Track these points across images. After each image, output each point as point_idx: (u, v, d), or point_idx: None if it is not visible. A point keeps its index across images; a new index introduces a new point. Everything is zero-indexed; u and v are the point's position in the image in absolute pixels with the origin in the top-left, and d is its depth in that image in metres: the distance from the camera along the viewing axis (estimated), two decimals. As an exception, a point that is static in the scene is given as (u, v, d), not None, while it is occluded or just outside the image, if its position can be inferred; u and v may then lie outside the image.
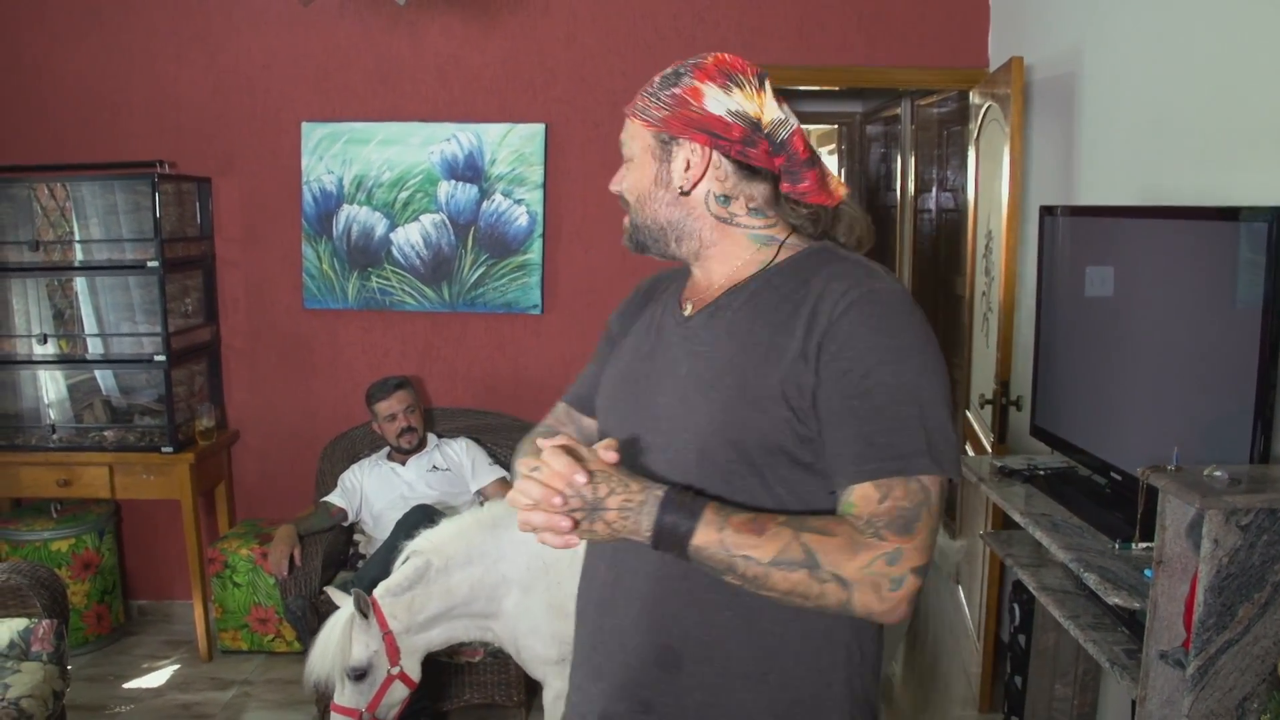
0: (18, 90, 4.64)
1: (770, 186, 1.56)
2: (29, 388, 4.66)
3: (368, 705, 3.02)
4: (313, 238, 4.60)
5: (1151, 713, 2.19)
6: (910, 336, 1.43)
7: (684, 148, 1.53)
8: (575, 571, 2.93)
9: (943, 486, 1.40)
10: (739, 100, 1.51)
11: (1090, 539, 2.58)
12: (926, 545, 1.38)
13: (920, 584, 1.37)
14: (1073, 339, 3.10)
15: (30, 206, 4.52)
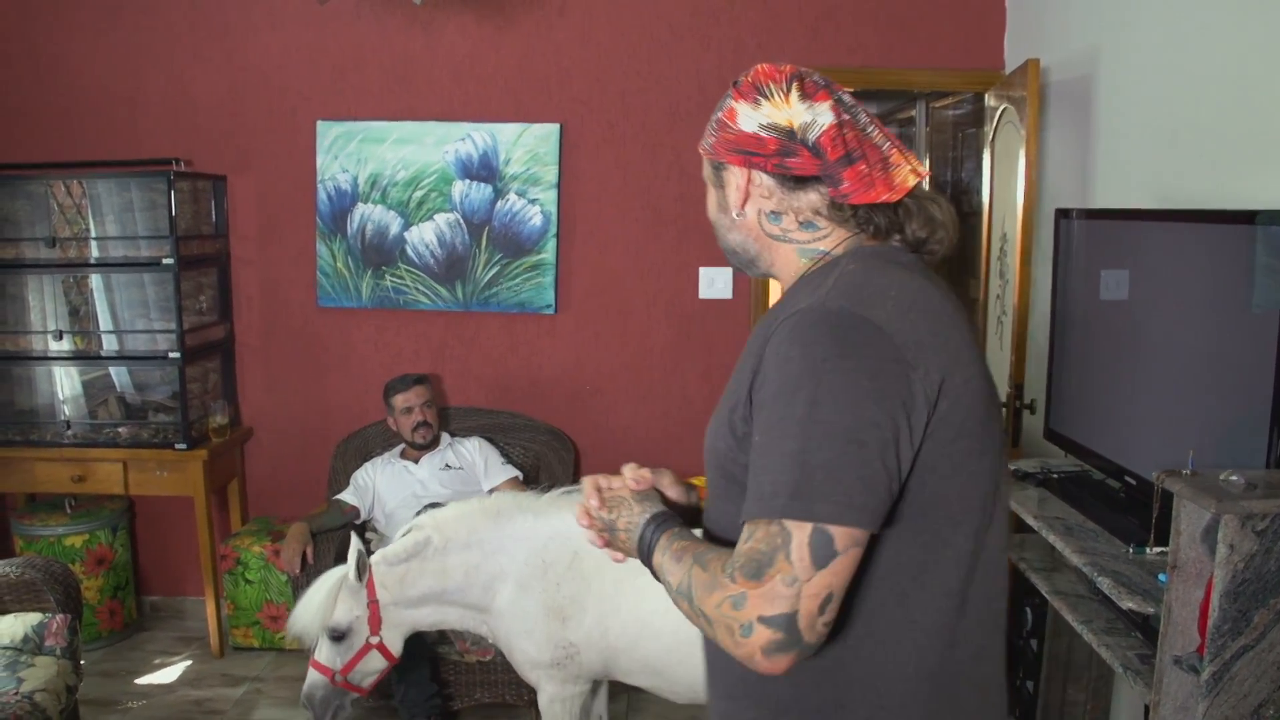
0: (36, 88, 4.66)
1: (824, 193, 1.47)
2: (44, 384, 4.68)
3: (341, 668, 3.01)
4: (327, 236, 4.61)
5: (1166, 718, 2.19)
6: (807, 364, 1.29)
7: (731, 171, 1.51)
8: (575, 574, 2.92)
9: (817, 538, 1.25)
10: (768, 112, 1.45)
11: (1104, 543, 2.57)
12: (778, 595, 1.24)
13: (780, 638, 1.24)
14: (1087, 342, 3.09)
15: (47, 203, 4.55)
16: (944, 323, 1.39)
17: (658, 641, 2.93)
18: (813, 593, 1.24)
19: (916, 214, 1.48)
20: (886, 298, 1.35)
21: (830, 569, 1.24)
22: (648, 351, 4.65)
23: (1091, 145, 3.60)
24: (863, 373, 1.28)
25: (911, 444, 1.30)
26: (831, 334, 1.30)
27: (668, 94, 4.51)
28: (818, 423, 1.26)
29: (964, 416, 1.35)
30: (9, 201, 4.59)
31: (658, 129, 4.52)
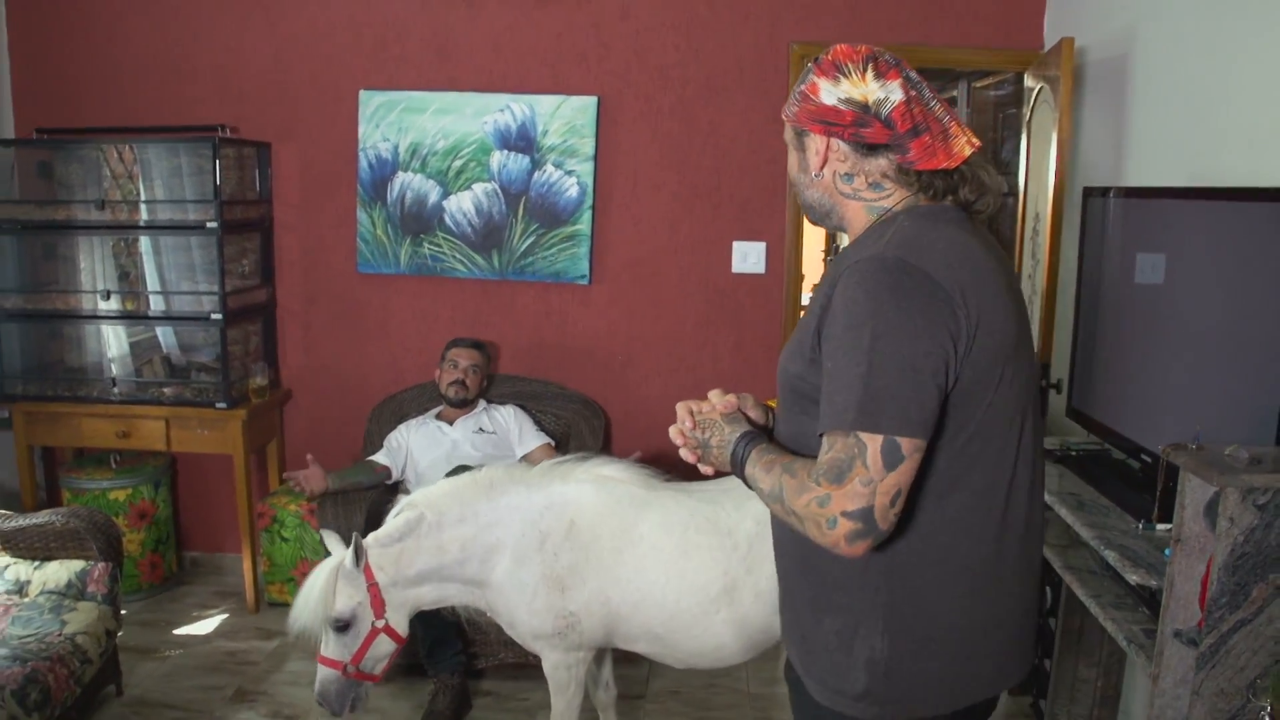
0: (90, 55, 4.78)
1: (893, 159, 1.71)
2: (93, 343, 4.81)
3: (352, 657, 2.97)
4: (367, 204, 4.70)
5: (1166, 691, 2.21)
6: (870, 303, 1.56)
7: (811, 138, 1.75)
8: (573, 544, 2.91)
9: (888, 446, 1.53)
10: (846, 89, 1.69)
11: (1116, 519, 2.60)
12: (857, 494, 1.53)
13: (862, 527, 1.53)
14: (1114, 321, 3.09)
15: (99, 167, 4.67)
16: (982, 271, 1.64)
17: (659, 609, 2.95)
18: (885, 490, 1.54)
19: (970, 180, 1.73)
20: (935, 250, 1.61)
21: (898, 471, 1.54)
22: (680, 323, 4.70)
23: (1126, 125, 3.59)
24: (916, 311, 1.55)
25: (955, 370, 1.58)
26: (890, 279, 1.57)
27: (705, 69, 4.54)
28: (880, 352, 1.54)
29: (995, 350, 1.62)
30: (62, 165, 4.72)
31: (694, 103, 4.55)
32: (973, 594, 1.72)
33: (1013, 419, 1.69)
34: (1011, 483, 1.71)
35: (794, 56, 4.46)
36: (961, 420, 1.63)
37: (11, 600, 3.60)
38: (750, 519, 2.97)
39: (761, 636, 2.99)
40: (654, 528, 2.99)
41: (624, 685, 3.96)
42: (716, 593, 2.92)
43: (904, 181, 1.73)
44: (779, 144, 4.49)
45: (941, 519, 1.67)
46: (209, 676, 4.03)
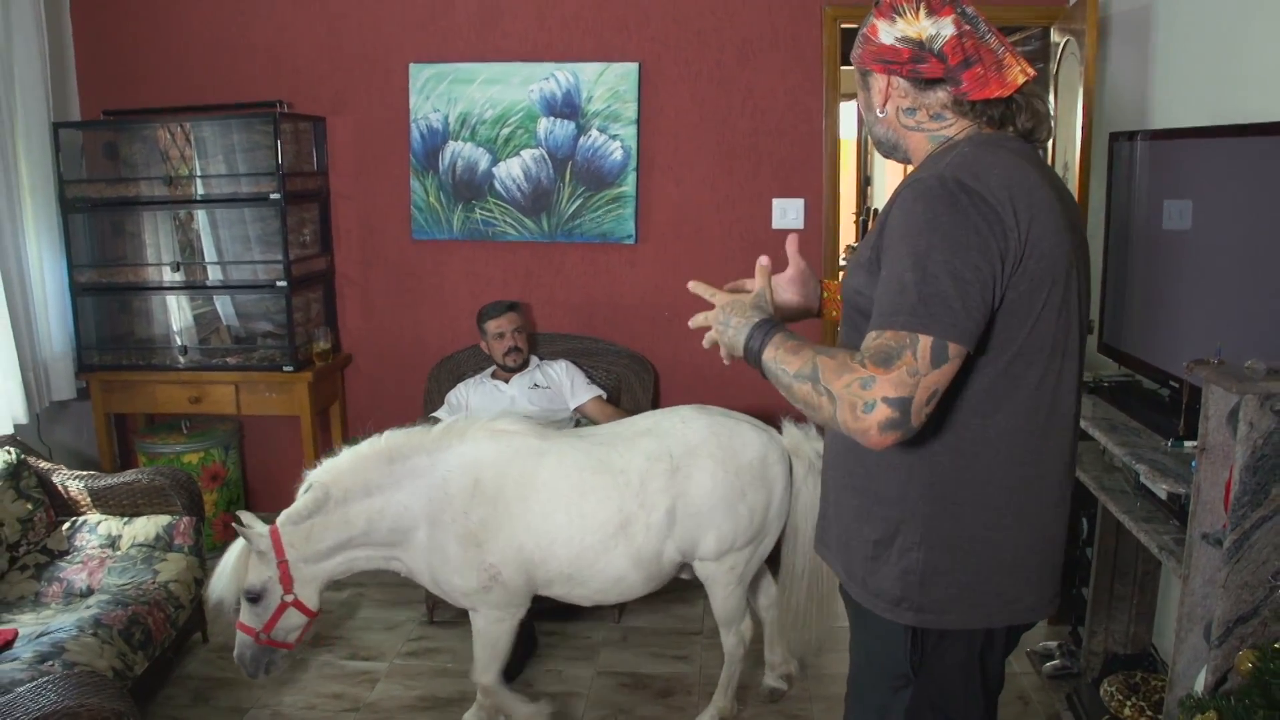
0: (150, 38, 4.99)
1: (950, 91, 1.81)
2: (161, 314, 5.05)
3: (263, 627, 3.07)
4: (420, 173, 4.89)
5: (1195, 590, 2.38)
6: (928, 217, 1.65)
7: (874, 77, 1.87)
8: (480, 500, 3.04)
9: (936, 345, 1.61)
10: (902, 27, 1.80)
11: (1146, 439, 2.77)
12: (903, 382, 1.59)
13: (895, 416, 1.59)
14: (1142, 259, 3.24)
15: (162, 145, 4.88)
16: (1036, 197, 1.70)
17: (567, 548, 3.09)
18: (926, 385, 1.61)
19: (1025, 108, 1.82)
20: (992, 173, 1.69)
21: (940, 370, 1.62)
22: (723, 279, 4.75)
23: (1150, 72, 3.73)
24: (970, 228, 1.64)
25: (1001, 287, 1.67)
26: (947, 196, 1.66)
27: (741, 33, 4.69)
28: (934, 261, 1.63)
29: (1043, 273, 1.69)
30: (128, 144, 4.94)
31: (731, 66, 4.71)
32: (1010, 514, 1.80)
33: (1058, 345, 1.75)
34: (1052, 409, 1.78)
35: (826, 19, 4.61)
36: (1005, 339, 1.71)
37: (105, 553, 3.83)
38: (641, 457, 3.12)
39: (656, 568, 3.15)
40: (552, 473, 3.12)
41: (679, 622, 4.17)
42: (614, 528, 3.08)
43: (961, 112, 1.81)
44: (814, 104, 4.68)
45: (984, 438, 1.76)
46: (287, 623, 4.26)
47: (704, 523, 3.13)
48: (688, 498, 3.10)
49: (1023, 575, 1.84)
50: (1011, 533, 1.81)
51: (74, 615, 3.34)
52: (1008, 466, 1.79)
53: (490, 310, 4.54)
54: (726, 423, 3.23)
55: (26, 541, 3.80)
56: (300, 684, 3.79)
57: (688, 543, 3.16)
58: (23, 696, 2.42)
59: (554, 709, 3.47)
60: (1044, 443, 1.80)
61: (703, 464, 3.10)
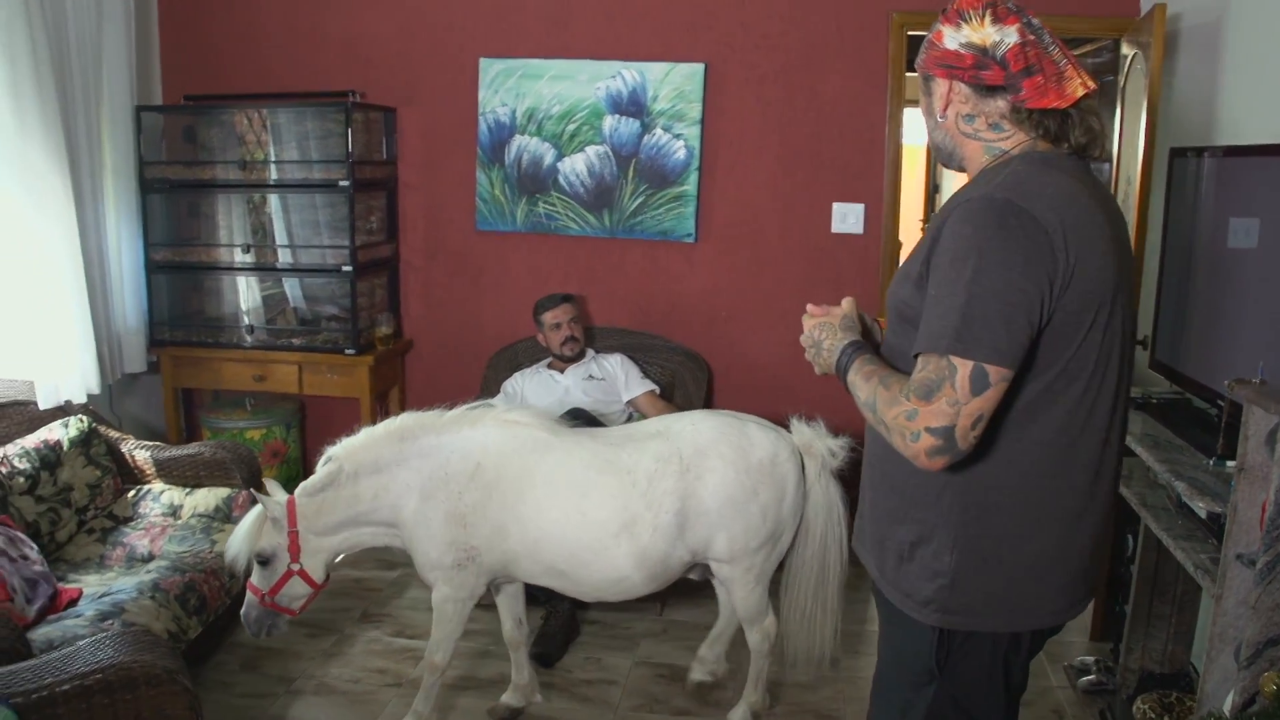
0: (231, 27, 5.14)
1: (1009, 99, 1.82)
2: (231, 294, 5.20)
3: (269, 590, 3.18)
4: (486, 165, 4.99)
5: (1227, 611, 2.38)
6: (976, 239, 1.69)
7: (936, 82, 1.90)
8: (477, 484, 3.11)
9: (976, 371, 1.66)
10: (967, 33, 1.83)
11: (1189, 456, 2.76)
12: (943, 413, 1.67)
13: (942, 444, 1.69)
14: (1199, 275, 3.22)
15: (237, 131, 5.03)
16: (1085, 219, 1.74)
17: (560, 545, 3.12)
18: (969, 413, 1.68)
19: (1079, 124, 1.83)
20: (1043, 194, 1.72)
21: (983, 396, 1.68)
22: (781, 281, 4.90)
23: (1218, 87, 3.69)
24: (1017, 250, 1.68)
25: (1048, 308, 1.71)
26: (997, 218, 1.69)
27: (807, 36, 4.72)
28: (979, 284, 1.67)
29: (1089, 295, 1.73)
30: (205, 129, 5.10)
31: (796, 69, 4.74)
32: (1040, 523, 1.85)
33: (1100, 363, 1.79)
34: (1086, 423, 1.82)
35: (894, 24, 4.62)
36: (1051, 357, 1.75)
37: (167, 521, 3.98)
38: (650, 459, 3.14)
39: (660, 568, 3.17)
40: (554, 468, 3.15)
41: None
42: (617, 528, 3.09)
43: (1019, 123, 1.83)
44: (877, 109, 4.70)
45: (1020, 449, 1.81)
46: (338, 600, 4.38)
47: (715, 523, 3.14)
48: (698, 499, 3.11)
49: (1049, 581, 1.89)
50: (1038, 541, 1.86)
51: (134, 579, 3.48)
52: (1039, 477, 1.83)
53: (546, 302, 4.60)
54: (735, 424, 3.24)
55: (94, 506, 3.96)
56: (347, 658, 3.90)
57: (700, 543, 3.17)
58: (82, 650, 2.54)
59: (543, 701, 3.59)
60: (1073, 454, 1.84)
61: (713, 464, 3.12)
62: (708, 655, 3.66)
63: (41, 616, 3.23)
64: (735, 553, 3.18)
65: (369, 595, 4.40)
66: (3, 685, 2.38)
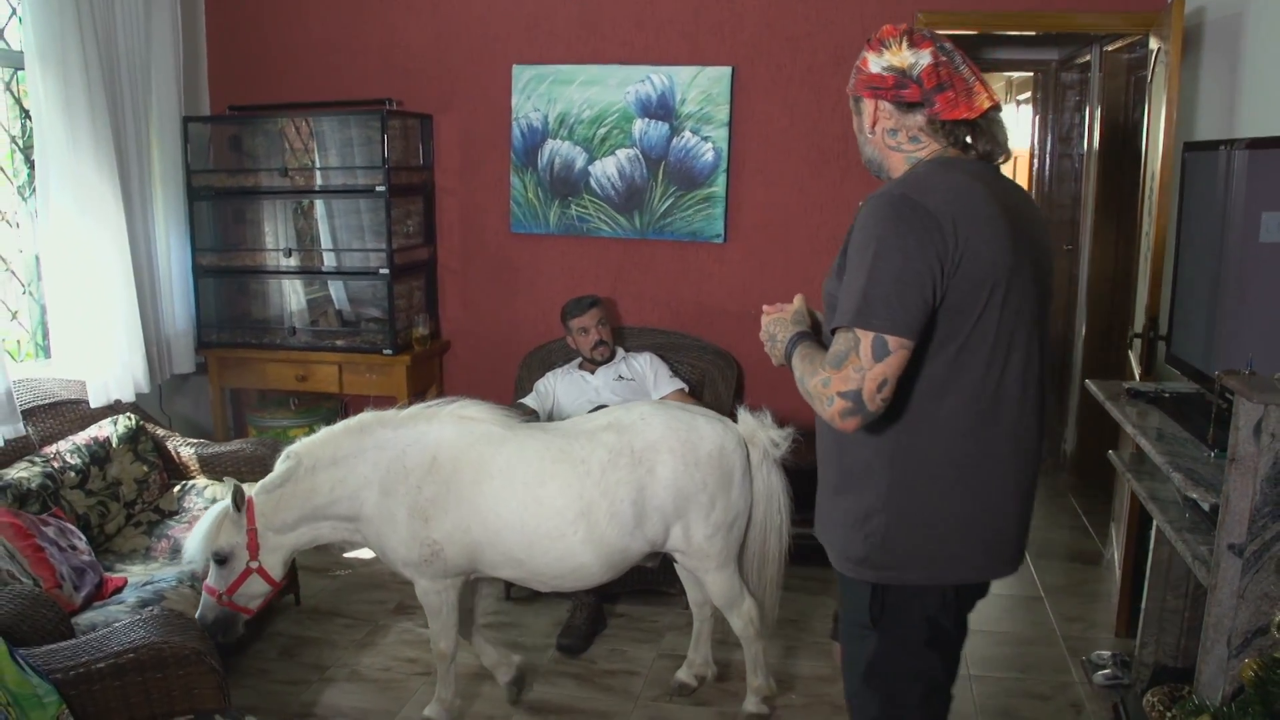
0: (274, 38, 5.31)
1: (926, 114, 2.06)
2: (275, 296, 5.37)
3: (226, 589, 3.19)
4: (520, 169, 5.10)
5: (1221, 601, 2.41)
6: (876, 229, 1.94)
7: (865, 102, 2.13)
8: (434, 478, 3.20)
9: (877, 340, 1.90)
10: (888, 58, 2.05)
11: (1192, 449, 2.78)
12: (850, 378, 1.91)
13: (852, 406, 1.92)
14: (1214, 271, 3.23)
15: (280, 139, 5.19)
16: (977, 210, 1.96)
17: (519, 535, 3.19)
18: (872, 377, 1.91)
19: (985, 132, 2.09)
20: (937, 189, 1.97)
21: (885, 362, 1.90)
22: (809, 281, 4.94)
23: (1239, 82, 3.70)
24: (910, 235, 1.91)
25: (941, 287, 1.92)
26: (894, 210, 1.93)
27: (833, 38, 4.78)
28: (879, 267, 1.91)
29: (981, 275, 1.94)
30: (250, 137, 5.27)
31: (823, 72, 4.80)
32: (959, 485, 2.05)
33: (1002, 339, 2.00)
34: (997, 396, 2.02)
35: (919, 24, 4.65)
36: (951, 332, 1.97)
37: (210, 515, 4.12)
38: (603, 449, 3.22)
39: (619, 556, 3.25)
40: (510, 460, 3.22)
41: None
42: (573, 516, 3.17)
43: (935, 135, 2.07)
44: (904, 109, 4.72)
45: (934, 418, 2.03)
46: (373, 593, 4.52)
47: (670, 515, 3.24)
48: (651, 491, 3.20)
49: (971, 539, 2.09)
50: (959, 502, 2.07)
51: (177, 569, 3.63)
52: (954, 443, 2.04)
53: (573, 309, 4.63)
54: (683, 417, 3.32)
55: (141, 500, 4.12)
56: (379, 647, 4.03)
57: (657, 535, 3.26)
58: (117, 631, 2.69)
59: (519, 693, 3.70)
60: (989, 424, 2.04)
61: (663, 459, 3.20)
62: (695, 658, 3.74)
63: (88, 603, 3.38)
64: (693, 543, 3.28)
65: (404, 588, 4.50)
66: (45, 663, 2.52)
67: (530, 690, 3.73)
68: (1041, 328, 2.10)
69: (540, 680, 3.81)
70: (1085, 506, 5.64)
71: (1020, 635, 4.14)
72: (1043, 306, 2.10)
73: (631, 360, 4.68)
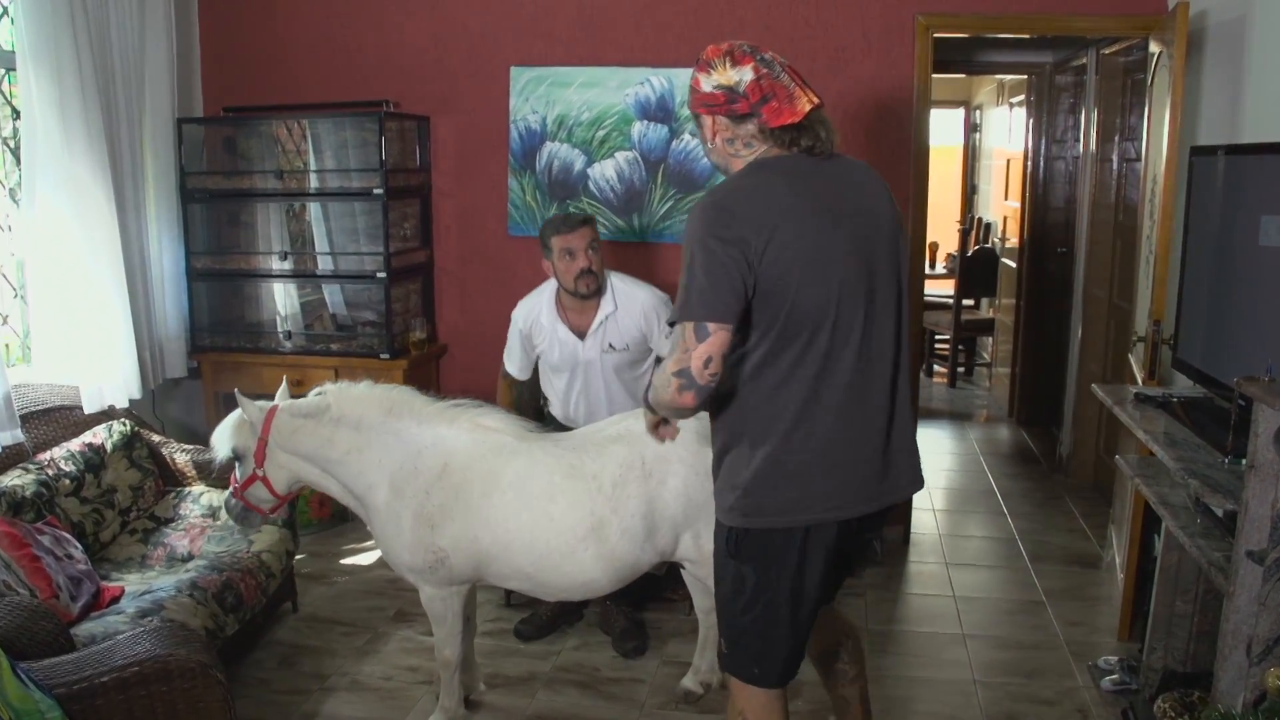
0: (268, 39, 5.27)
1: (757, 122, 2.30)
2: (269, 300, 5.32)
3: (238, 485, 3.36)
4: (518, 171, 5.07)
5: (1240, 608, 2.40)
6: (693, 234, 2.22)
7: (703, 119, 2.38)
8: (444, 485, 3.18)
9: (698, 326, 2.17)
10: (716, 78, 2.31)
11: (1205, 455, 2.77)
12: (680, 359, 2.20)
13: (684, 382, 2.20)
14: (1220, 275, 3.22)
15: (275, 141, 5.14)
16: (783, 205, 2.22)
17: (529, 550, 3.16)
18: (698, 355, 2.19)
19: (808, 130, 2.32)
20: (741, 191, 2.27)
21: (706, 342, 2.18)
22: (808, 285, 4.93)
23: (1243, 86, 3.69)
24: (718, 237, 2.18)
25: (751, 276, 2.19)
26: (704, 215, 2.23)
27: (834, 41, 4.76)
28: (695, 265, 2.20)
29: (788, 264, 2.19)
30: (244, 139, 5.22)
31: (823, 74, 4.77)
32: (797, 444, 2.30)
33: (821, 321, 2.24)
34: (821, 371, 2.27)
35: (919, 27, 4.65)
36: (770, 316, 2.22)
37: (206, 522, 4.08)
38: (614, 464, 3.19)
39: (628, 571, 3.23)
40: (520, 474, 3.19)
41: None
42: (584, 532, 3.14)
43: (766, 139, 2.32)
44: (905, 111, 4.73)
45: (767, 390, 2.28)
46: (372, 599, 4.47)
47: (680, 525, 3.21)
48: (663, 502, 3.17)
49: (829, 488, 2.35)
50: (796, 458, 2.32)
51: (174, 577, 3.58)
52: (787, 410, 2.29)
53: (560, 224, 3.90)
54: (692, 425, 3.21)
55: (136, 508, 4.07)
56: (380, 656, 3.99)
57: (667, 545, 3.24)
58: (120, 643, 2.64)
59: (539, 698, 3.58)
60: (817, 394, 2.29)
61: (674, 468, 3.17)
62: (700, 664, 3.69)
63: (85, 613, 3.33)
64: (704, 552, 3.20)
65: (402, 595, 4.47)
66: (46, 677, 2.48)
67: (536, 699, 3.69)
68: (882, 293, 2.35)
69: (544, 688, 3.77)
70: (1082, 509, 5.63)
71: (1022, 640, 4.13)
72: (878, 274, 2.34)
73: (621, 315, 4.00)
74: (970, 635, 4.16)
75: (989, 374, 8.88)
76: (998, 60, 7.13)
